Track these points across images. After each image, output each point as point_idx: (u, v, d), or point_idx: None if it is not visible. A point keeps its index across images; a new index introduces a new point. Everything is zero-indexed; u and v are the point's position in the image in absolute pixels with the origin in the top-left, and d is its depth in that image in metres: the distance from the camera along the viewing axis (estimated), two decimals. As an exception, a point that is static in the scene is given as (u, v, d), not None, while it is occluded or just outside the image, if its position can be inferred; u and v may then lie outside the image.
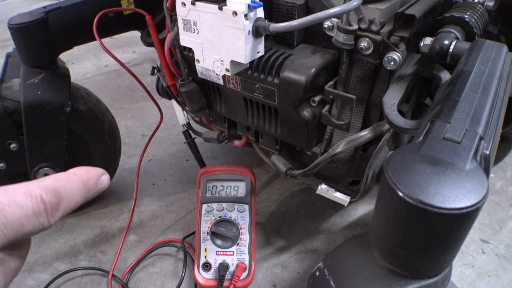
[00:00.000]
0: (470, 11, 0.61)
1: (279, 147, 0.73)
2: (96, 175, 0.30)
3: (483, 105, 0.40)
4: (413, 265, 0.37)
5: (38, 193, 0.25)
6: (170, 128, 1.27)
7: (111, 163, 0.96)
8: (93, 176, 0.30)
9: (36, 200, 0.25)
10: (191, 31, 0.58)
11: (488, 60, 0.49)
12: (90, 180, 0.30)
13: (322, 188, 0.71)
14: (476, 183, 0.32)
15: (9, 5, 2.48)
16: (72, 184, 0.28)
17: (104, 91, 1.50)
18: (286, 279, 0.82)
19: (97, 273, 0.83)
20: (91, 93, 0.90)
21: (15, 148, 0.77)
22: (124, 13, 0.80)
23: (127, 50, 1.82)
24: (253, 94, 0.64)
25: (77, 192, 0.28)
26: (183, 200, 1.01)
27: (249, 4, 0.51)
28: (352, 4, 0.50)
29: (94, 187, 0.30)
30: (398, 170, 0.33)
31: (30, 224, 0.25)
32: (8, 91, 0.75)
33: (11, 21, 0.69)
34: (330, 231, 0.92)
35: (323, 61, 0.59)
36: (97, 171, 0.31)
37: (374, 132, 0.59)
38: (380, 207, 0.37)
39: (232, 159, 1.15)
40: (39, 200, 0.25)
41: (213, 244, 0.79)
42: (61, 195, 0.27)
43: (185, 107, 0.82)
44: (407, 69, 0.60)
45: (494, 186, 1.03)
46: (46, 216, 0.26)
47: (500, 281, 0.80)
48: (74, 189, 0.28)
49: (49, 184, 0.27)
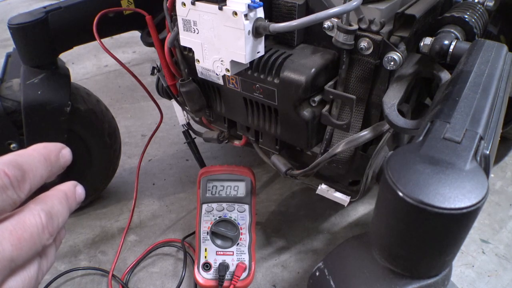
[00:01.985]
0: (470, 11, 0.61)
1: (279, 147, 0.73)
2: (56, 149, 0.31)
3: (483, 105, 0.40)
4: (413, 265, 0.37)
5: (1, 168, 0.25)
6: (170, 128, 1.27)
7: (111, 163, 0.96)
8: (52, 149, 0.30)
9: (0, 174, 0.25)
10: (191, 31, 0.58)
11: (488, 60, 0.49)
12: (51, 153, 0.30)
13: (322, 188, 0.71)
14: (476, 183, 0.32)
15: (9, 5, 2.48)
16: (34, 158, 0.28)
17: (104, 91, 1.50)
18: (286, 279, 0.82)
19: (97, 273, 0.83)
20: (91, 93, 0.90)
21: (15, 148, 0.77)
22: (124, 13, 0.80)
23: (127, 50, 1.82)
24: (253, 94, 0.64)
25: (40, 165, 0.28)
26: (183, 200, 1.01)
27: (249, 4, 0.51)
28: (352, 4, 0.50)
29: (56, 160, 0.30)
30: (398, 170, 0.33)
31: None
32: (8, 91, 0.75)
33: (11, 21, 0.69)
34: (330, 231, 0.92)
35: (323, 61, 0.59)
36: (56, 145, 0.31)
37: (374, 132, 0.59)
38: (380, 207, 0.37)
39: (232, 159, 1.15)
40: (2, 174, 0.25)
41: (213, 244, 0.79)
42: (24, 168, 0.27)
43: (185, 107, 0.82)
44: (407, 69, 0.60)
45: (494, 186, 1.03)
46: (13, 189, 0.26)
47: (500, 281, 0.80)
48: (35, 162, 0.28)
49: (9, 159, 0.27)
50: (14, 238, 0.25)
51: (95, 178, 0.94)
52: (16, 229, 0.25)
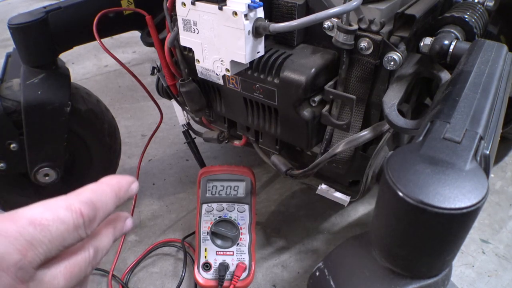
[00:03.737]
0: (470, 11, 0.61)
1: (279, 147, 0.73)
2: (127, 184, 0.32)
3: (483, 105, 0.40)
4: (413, 265, 0.37)
5: (78, 208, 0.27)
6: (170, 128, 1.27)
7: (111, 163, 0.96)
8: (124, 185, 0.32)
9: (76, 214, 0.27)
10: (191, 31, 0.58)
11: (488, 60, 0.49)
12: (122, 189, 0.31)
13: (322, 188, 0.71)
14: (476, 183, 0.32)
15: (9, 5, 2.48)
16: (106, 195, 0.30)
17: (104, 91, 1.50)
18: (286, 279, 0.82)
19: (97, 273, 0.83)
20: (91, 93, 0.90)
21: (15, 148, 0.77)
22: (124, 13, 0.80)
23: (127, 50, 1.82)
24: (253, 94, 0.64)
25: (111, 202, 0.30)
26: (183, 200, 1.01)
27: (249, 4, 0.51)
28: (352, 4, 0.50)
29: (125, 195, 0.32)
30: (398, 170, 0.33)
31: (70, 237, 0.27)
32: (8, 91, 0.75)
33: (11, 21, 0.69)
34: (330, 231, 0.92)
35: (323, 61, 0.59)
36: (127, 180, 0.32)
37: (374, 132, 0.59)
38: (380, 207, 0.37)
39: (232, 159, 1.15)
40: (79, 214, 0.27)
41: (213, 244, 0.79)
42: (97, 208, 0.28)
43: (185, 107, 0.82)
44: (407, 69, 0.59)
45: (494, 186, 1.03)
46: (84, 228, 0.27)
47: (500, 281, 0.80)
48: (108, 199, 0.30)
49: (86, 197, 0.28)
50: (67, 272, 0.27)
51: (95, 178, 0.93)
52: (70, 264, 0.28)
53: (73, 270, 0.28)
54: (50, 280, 0.26)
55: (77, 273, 0.28)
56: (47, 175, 0.80)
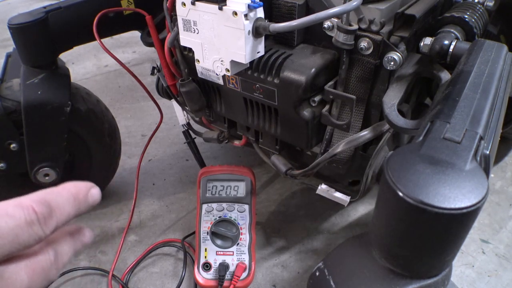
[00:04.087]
0: (470, 11, 0.61)
1: (279, 147, 0.73)
2: (85, 188, 0.32)
3: (483, 105, 0.40)
4: (413, 265, 0.37)
5: (29, 204, 0.27)
6: (170, 128, 1.27)
7: (111, 163, 0.96)
8: (82, 188, 0.32)
9: (27, 210, 0.27)
10: (191, 31, 0.58)
11: (488, 60, 0.49)
12: (80, 192, 0.31)
13: (322, 188, 0.71)
14: (476, 183, 0.32)
15: (9, 5, 2.48)
16: (62, 197, 0.30)
17: (104, 91, 1.50)
18: (286, 279, 0.82)
19: (97, 273, 0.83)
20: (91, 93, 0.90)
21: (15, 148, 0.77)
22: (124, 13, 0.80)
23: (127, 50, 1.82)
24: (253, 94, 0.64)
25: (68, 203, 0.30)
26: (183, 200, 1.01)
27: (249, 4, 0.51)
28: (352, 4, 0.50)
29: (85, 199, 0.32)
30: (398, 170, 0.33)
31: (25, 233, 0.26)
32: (8, 91, 0.75)
33: (11, 21, 0.69)
34: (330, 231, 0.92)
35: (323, 61, 0.59)
36: (85, 185, 0.32)
37: (374, 132, 0.59)
38: (380, 207, 0.37)
39: (232, 159, 1.15)
40: (31, 210, 0.27)
41: (213, 244, 0.79)
42: (52, 206, 0.28)
43: (185, 107, 0.82)
44: (407, 69, 0.59)
45: (494, 186, 1.03)
46: (39, 225, 0.27)
47: (500, 281, 0.80)
48: (64, 200, 0.30)
49: (38, 196, 0.28)
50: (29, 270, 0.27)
51: (95, 178, 0.94)
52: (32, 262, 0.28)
53: (36, 268, 0.28)
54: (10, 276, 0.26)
55: (40, 273, 0.28)
56: (47, 175, 0.80)
